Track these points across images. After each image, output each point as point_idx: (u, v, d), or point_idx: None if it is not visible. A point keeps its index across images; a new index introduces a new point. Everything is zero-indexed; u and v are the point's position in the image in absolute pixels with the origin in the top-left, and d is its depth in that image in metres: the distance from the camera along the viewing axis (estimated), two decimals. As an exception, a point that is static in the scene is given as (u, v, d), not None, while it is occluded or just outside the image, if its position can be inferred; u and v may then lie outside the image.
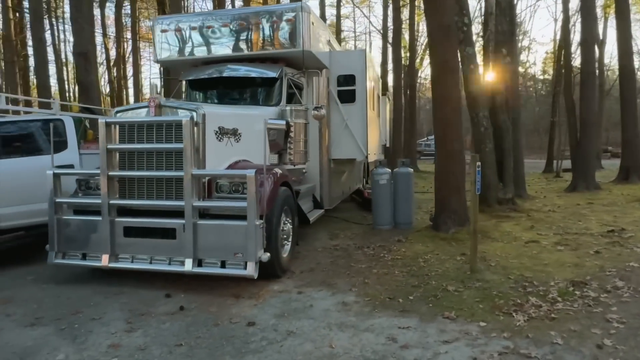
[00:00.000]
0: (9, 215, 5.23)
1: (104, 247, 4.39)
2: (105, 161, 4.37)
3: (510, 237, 6.48)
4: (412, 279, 4.64)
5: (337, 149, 7.57)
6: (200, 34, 6.30)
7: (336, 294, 4.25)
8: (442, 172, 6.84)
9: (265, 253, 4.17)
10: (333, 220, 8.37)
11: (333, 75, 7.48)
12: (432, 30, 6.66)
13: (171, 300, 4.09)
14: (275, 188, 4.59)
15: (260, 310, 3.83)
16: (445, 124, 6.70)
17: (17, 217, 5.25)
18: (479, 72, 9.14)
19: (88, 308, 3.87)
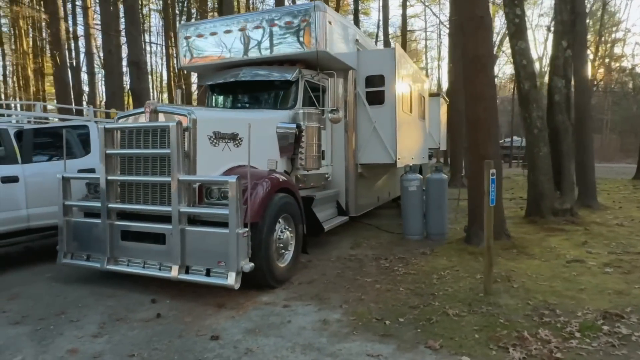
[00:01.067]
0: (40, 215, 5.60)
1: (104, 249, 4.51)
2: (105, 166, 4.50)
3: (553, 254, 5.68)
4: (414, 298, 4.20)
5: (364, 153, 7.22)
6: (220, 39, 6.33)
7: (323, 310, 3.96)
8: (474, 179, 6.20)
9: (248, 263, 4.00)
10: (364, 228, 8.01)
11: (361, 76, 7.15)
12: (463, 22, 6.07)
13: (154, 306, 4.07)
14: (267, 194, 4.40)
15: (234, 323, 3.67)
16: (477, 125, 6.07)
17: (46, 217, 5.61)
18: (533, 68, 8.22)
19: (74, 309, 3.98)
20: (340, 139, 7.06)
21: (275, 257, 4.62)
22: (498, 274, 4.87)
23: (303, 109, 5.70)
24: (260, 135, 5.28)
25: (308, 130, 5.64)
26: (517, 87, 8.56)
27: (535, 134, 8.08)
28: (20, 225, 5.46)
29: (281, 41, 5.97)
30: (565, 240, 6.51)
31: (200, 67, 6.65)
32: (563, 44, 8.37)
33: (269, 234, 4.42)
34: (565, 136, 8.32)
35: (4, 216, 5.27)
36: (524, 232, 7.17)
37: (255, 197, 4.28)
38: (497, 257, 5.53)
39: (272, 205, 4.49)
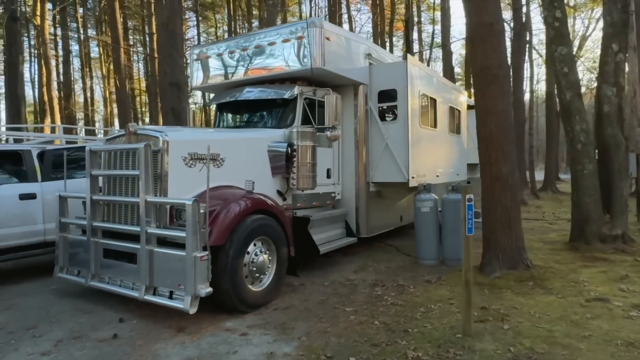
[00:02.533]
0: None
1: (89, 266, 4.70)
2: (90, 186, 4.70)
3: (575, 289, 4.93)
4: (383, 334, 3.84)
5: (376, 171, 6.90)
6: (225, 60, 6.43)
7: (278, 341, 3.75)
8: (487, 202, 5.62)
9: (206, 288, 3.91)
10: (383, 249, 7.62)
11: (373, 91, 6.87)
12: (471, 30, 5.57)
13: (119, 325, 4.12)
14: (236, 217, 4.30)
15: (180, 349, 3.59)
16: (489, 142, 5.50)
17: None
18: (576, 75, 7.35)
19: (46, 324, 4.16)
20: (350, 157, 6.81)
21: (247, 281, 4.50)
22: (496, 310, 4.32)
23: (297, 127, 5.57)
24: (248, 155, 5.24)
25: (302, 149, 5.48)
26: (558, 98, 7.71)
27: (578, 149, 7.19)
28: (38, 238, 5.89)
29: (279, 59, 5.92)
30: (601, 272, 5.63)
31: (209, 87, 6.81)
32: (613, 48, 7.40)
33: (237, 258, 4.31)
34: (617, 152, 7.29)
35: (23, 230, 5.72)
36: (556, 260, 6.35)
37: (219, 220, 4.20)
38: (506, 290, 4.93)
39: (242, 228, 4.38)
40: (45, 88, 18.77)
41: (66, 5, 25.36)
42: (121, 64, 13.55)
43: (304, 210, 5.99)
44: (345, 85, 6.69)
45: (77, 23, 29.21)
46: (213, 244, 4.10)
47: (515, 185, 5.50)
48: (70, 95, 26.68)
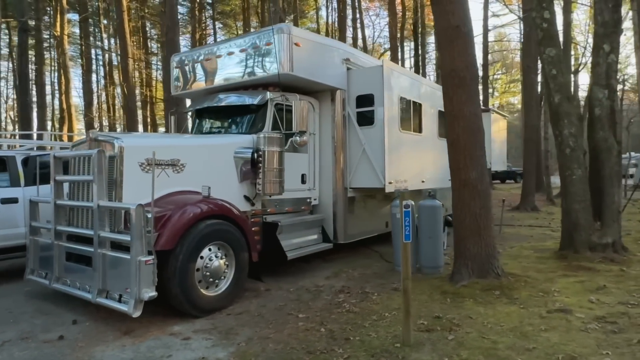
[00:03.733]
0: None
1: (53, 268, 4.84)
2: (55, 190, 4.85)
3: (542, 300, 4.74)
4: (323, 342, 3.79)
5: (354, 176, 6.84)
6: (202, 67, 6.54)
7: (216, 346, 3.76)
8: (457, 208, 5.48)
9: (150, 292, 3.96)
10: (366, 255, 7.54)
11: (352, 96, 6.83)
12: (438, 33, 5.47)
13: (70, 327, 4.23)
14: (186, 221, 4.34)
15: (118, 352, 3.64)
16: (457, 147, 5.37)
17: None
18: (565, 78, 7.11)
19: (2, 325, 4.30)
20: (328, 162, 6.79)
21: (201, 285, 4.53)
22: (449, 320, 4.20)
23: (264, 133, 5.58)
24: (212, 160, 5.29)
25: (268, 155, 5.49)
26: (547, 101, 7.47)
27: (567, 154, 6.94)
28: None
29: (249, 66, 5.97)
30: (578, 282, 5.40)
31: (187, 94, 6.93)
32: (605, 49, 7.11)
33: (188, 262, 4.35)
34: (608, 156, 6.99)
35: (4, 233, 5.94)
36: (538, 269, 6.14)
37: (169, 224, 4.26)
38: (469, 299, 4.79)
39: (194, 233, 4.42)
40: (64, 96, 19.48)
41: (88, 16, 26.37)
42: (129, 73, 13.98)
43: (275, 215, 6.00)
44: (322, 90, 6.68)
45: (101, 32, 30.36)
46: (161, 248, 4.16)
47: (485, 191, 5.34)
48: (91, 103, 27.59)
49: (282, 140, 5.64)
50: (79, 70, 31.38)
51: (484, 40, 25.54)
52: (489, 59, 28.47)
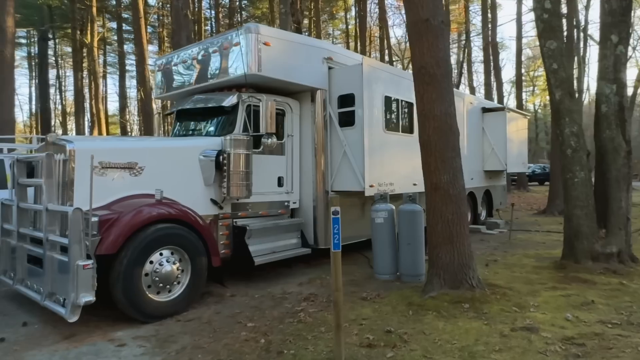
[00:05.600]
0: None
1: (15, 269, 4.92)
2: (18, 193, 4.94)
3: (512, 316, 4.32)
4: (254, 354, 3.61)
5: (336, 179, 6.61)
6: (180, 69, 6.51)
7: (145, 355, 3.66)
8: (428, 213, 5.13)
9: (87, 296, 3.91)
10: (353, 261, 7.27)
11: (334, 96, 6.61)
12: (408, 27, 5.15)
13: (19, 329, 4.26)
14: (132, 225, 4.28)
15: (48, 357, 3.61)
16: (428, 149, 5.03)
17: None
18: (567, 72, 6.56)
19: (-44, 325, 4.40)
20: (308, 165, 6.59)
21: (151, 290, 4.46)
22: (399, 335, 3.91)
23: (230, 135, 5.46)
24: (175, 163, 5.22)
25: (234, 157, 5.36)
26: (549, 95, 6.93)
27: (568, 155, 6.39)
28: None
29: (220, 67, 5.88)
30: (564, 296, 4.91)
31: (168, 96, 6.93)
32: (612, 39, 6.50)
33: (134, 267, 4.28)
34: (615, 157, 6.37)
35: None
36: (527, 280, 5.67)
37: (113, 228, 4.21)
38: (432, 312, 4.45)
39: (141, 237, 4.35)
40: (94, 101, 20.30)
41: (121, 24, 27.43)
42: (146, 77, 14.36)
43: (247, 219, 5.86)
44: (301, 91, 6.50)
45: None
46: (103, 252, 4.12)
47: (458, 196, 4.97)
48: (125, 107, 28.66)
49: (250, 143, 5.50)
50: (116, 76, 32.89)
51: (518, 35, 24.46)
52: (523, 55, 27.20)
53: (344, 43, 39.07)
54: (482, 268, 6.55)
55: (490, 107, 11.65)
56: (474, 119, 10.60)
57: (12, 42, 9.98)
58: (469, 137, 9.89)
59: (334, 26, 42.03)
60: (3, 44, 9.40)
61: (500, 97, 24.61)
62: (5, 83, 9.59)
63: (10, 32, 9.68)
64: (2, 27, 9.41)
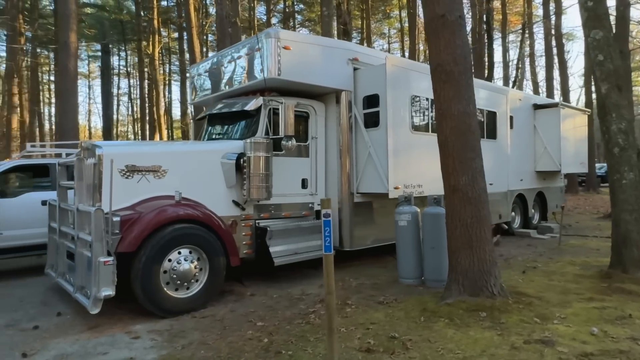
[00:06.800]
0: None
1: (58, 264, 5.41)
2: (59, 194, 5.41)
3: (530, 327, 4.03)
4: (253, 353, 3.68)
5: (361, 181, 6.55)
6: (209, 76, 6.79)
7: (153, 348, 3.86)
8: (447, 217, 4.93)
9: (107, 291, 4.21)
10: (381, 264, 7.16)
11: (359, 97, 6.56)
12: (425, 25, 4.97)
13: (53, 318, 4.67)
14: (150, 225, 4.53)
15: (65, 346, 3.92)
16: (446, 150, 4.83)
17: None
18: (614, 64, 6.00)
19: (7, 312, 4.90)
20: (334, 166, 6.60)
21: (170, 287, 4.70)
22: (402, 342, 3.81)
23: (251, 138, 5.61)
24: (197, 166, 5.45)
25: (254, 160, 5.50)
26: (595, 92, 6.38)
27: (615, 154, 5.85)
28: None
29: (244, 72, 6.05)
30: (597, 309, 4.49)
31: (199, 102, 7.24)
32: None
33: (152, 264, 4.54)
34: (671, 156, 5.72)
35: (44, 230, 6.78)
36: (563, 290, 5.27)
37: (133, 228, 4.48)
38: (444, 320, 4.28)
39: (160, 236, 4.59)
40: (155, 108, 21.66)
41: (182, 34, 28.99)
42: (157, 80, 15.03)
43: (269, 220, 5.98)
44: (326, 93, 6.52)
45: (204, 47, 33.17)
46: (123, 250, 4.40)
47: (478, 199, 4.72)
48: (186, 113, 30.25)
49: (270, 145, 5.61)
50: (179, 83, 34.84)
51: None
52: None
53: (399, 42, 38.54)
54: (518, 275, 6.19)
55: (542, 103, 10.92)
56: (522, 117, 10.00)
57: (75, 56, 10.95)
58: (515, 136, 9.37)
59: (389, 25, 41.51)
60: (67, 57, 10.36)
61: (565, 92, 22.95)
62: (69, 93, 10.54)
63: (74, 47, 10.63)
64: (67, 43, 10.37)
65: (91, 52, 30.48)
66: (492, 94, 8.58)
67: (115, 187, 4.77)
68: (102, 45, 13.33)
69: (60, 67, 10.65)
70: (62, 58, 10.54)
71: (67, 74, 10.41)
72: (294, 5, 34.97)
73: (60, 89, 11.09)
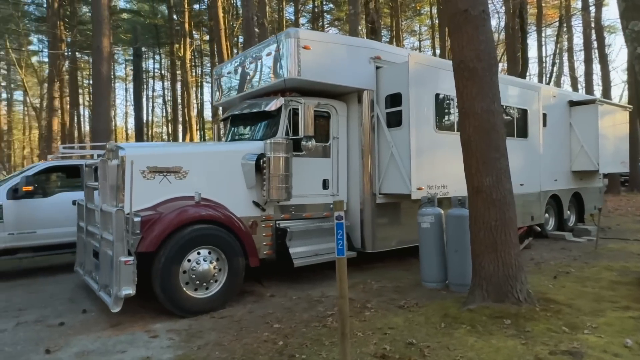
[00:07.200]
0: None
1: (84, 262, 5.58)
2: (86, 195, 5.58)
3: (557, 337, 3.82)
4: (265, 357, 3.66)
5: (384, 182, 6.43)
6: (232, 77, 6.84)
7: (170, 348, 3.90)
8: (471, 219, 4.76)
9: (127, 290, 4.29)
10: (405, 266, 7.01)
11: (381, 96, 6.45)
12: (448, 20, 4.79)
13: (78, 315, 4.81)
14: (169, 226, 4.59)
15: (87, 343, 4.02)
16: (469, 149, 4.65)
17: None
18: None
19: (36, 308, 5.11)
20: (355, 167, 6.51)
21: (189, 287, 4.75)
22: (419, 348, 3.70)
23: (270, 139, 5.59)
24: (217, 167, 5.48)
25: (273, 161, 5.48)
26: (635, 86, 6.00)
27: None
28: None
29: (263, 73, 6.06)
30: (633, 318, 4.21)
31: (223, 103, 7.30)
32: None
33: (172, 265, 4.59)
34: None
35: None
36: (597, 297, 4.99)
37: (153, 228, 4.55)
38: (466, 326, 4.12)
39: (179, 237, 4.65)
40: (186, 109, 22.15)
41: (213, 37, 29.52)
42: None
43: (289, 221, 5.96)
44: (347, 92, 6.44)
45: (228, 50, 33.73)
46: (143, 250, 4.48)
47: (503, 200, 4.52)
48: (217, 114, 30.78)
49: (289, 146, 5.58)
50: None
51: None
52: None
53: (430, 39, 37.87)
54: (549, 280, 5.92)
55: (579, 99, 10.41)
56: (556, 114, 9.57)
57: (108, 61, 11.32)
58: (549, 135, 8.99)
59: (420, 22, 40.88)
60: (100, 62, 10.72)
61: (606, 87, 21.84)
62: (102, 97, 10.91)
63: (106, 52, 10.99)
64: (99, 47, 10.73)
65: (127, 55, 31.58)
66: (523, 90, 8.24)
67: (137, 187, 4.86)
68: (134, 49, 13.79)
69: (94, 71, 11.04)
70: (95, 62, 10.92)
71: (100, 77, 10.78)
72: (322, 5, 34.95)
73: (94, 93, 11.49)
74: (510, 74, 16.08)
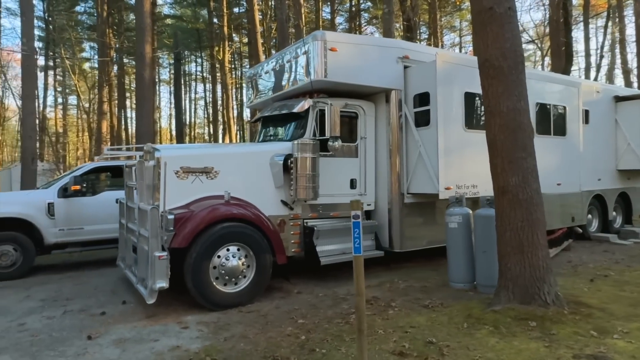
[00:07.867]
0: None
1: (125, 257, 5.95)
2: (127, 194, 5.94)
3: (584, 341, 3.72)
4: (286, 350, 3.80)
5: (412, 181, 6.43)
6: (263, 79, 7.04)
7: (198, 339, 4.12)
8: (497, 219, 4.69)
9: (161, 283, 4.56)
10: (433, 266, 6.97)
11: (409, 96, 6.45)
12: (473, 18, 4.72)
13: (119, 306, 5.15)
14: (200, 223, 4.82)
15: (124, 332, 4.31)
16: (494, 149, 4.59)
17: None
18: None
19: (81, 298, 5.51)
20: (384, 167, 6.55)
21: (219, 282, 4.97)
22: (438, 348, 3.72)
23: (298, 140, 5.73)
24: (247, 167, 5.68)
25: (300, 161, 5.62)
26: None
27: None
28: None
29: (292, 75, 6.20)
30: (671, 325, 4.02)
31: (255, 105, 7.52)
32: None
33: (203, 260, 4.83)
34: None
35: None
36: (632, 302, 4.80)
37: (186, 225, 4.80)
38: (489, 327, 4.09)
39: (209, 234, 4.88)
40: (225, 110, 22.79)
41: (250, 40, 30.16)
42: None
43: (317, 220, 6.08)
44: (375, 93, 6.49)
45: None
46: (176, 246, 4.74)
47: (530, 201, 4.42)
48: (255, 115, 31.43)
49: (316, 146, 5.69)
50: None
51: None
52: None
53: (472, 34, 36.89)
54: (584, 283, 5.72)
55: (625, 94, 9.89)
56: (600, 110, 9.16)
57: (151, 66, 11.90)
58: (591, 132, 8.64)
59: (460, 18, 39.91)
60: (142, 67, 11.29)
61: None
62: (145, 100, 11.49)
63: (149, 57, 11.56)
64: (142, 54, 11.30)
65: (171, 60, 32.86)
66: (560, 87, 7.94)
67: (171, 187, 5.16)
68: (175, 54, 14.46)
69: (137, 76, 11.65)
70: (138, 68, 11.52)
71: (143, 82, 11.36)
72: (359, 4, 34.84)
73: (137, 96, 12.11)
74: (554, 69, 15.45)
